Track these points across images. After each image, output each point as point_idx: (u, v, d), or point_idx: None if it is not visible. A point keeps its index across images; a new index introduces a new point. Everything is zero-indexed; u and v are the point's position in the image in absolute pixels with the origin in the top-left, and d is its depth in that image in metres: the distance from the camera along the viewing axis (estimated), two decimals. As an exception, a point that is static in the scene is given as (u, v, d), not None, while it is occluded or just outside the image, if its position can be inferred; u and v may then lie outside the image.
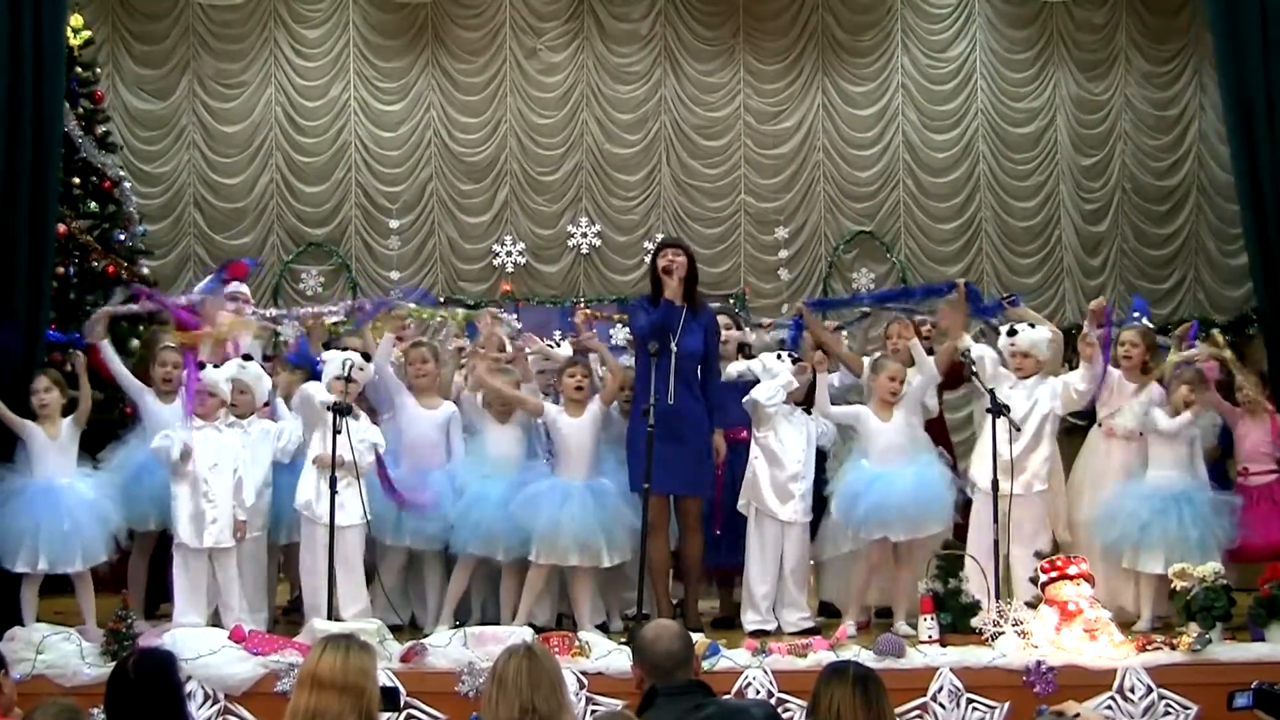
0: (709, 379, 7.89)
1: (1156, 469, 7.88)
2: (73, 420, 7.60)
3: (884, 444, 7.79)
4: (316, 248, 13.18)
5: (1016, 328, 7.99)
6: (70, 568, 7.39)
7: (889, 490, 7.63)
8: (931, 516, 7.69)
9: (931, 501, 7.68)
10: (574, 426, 7.81)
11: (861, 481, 7.73)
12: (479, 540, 7.69)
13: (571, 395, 7.86)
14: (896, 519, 7.62)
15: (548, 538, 7.57)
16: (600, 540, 7.61)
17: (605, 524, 7.62)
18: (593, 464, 7.80)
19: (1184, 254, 13.55)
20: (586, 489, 7.68)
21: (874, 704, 4.08)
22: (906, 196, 13.49)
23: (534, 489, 7.68)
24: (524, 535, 7.65)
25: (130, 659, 4.55)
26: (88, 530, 7.40)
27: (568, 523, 7.55)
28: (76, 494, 7.44)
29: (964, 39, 13.59)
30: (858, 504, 7.67)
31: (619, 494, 7.69)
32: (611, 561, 7.70)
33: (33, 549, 7.29)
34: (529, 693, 4.10)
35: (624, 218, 13.33)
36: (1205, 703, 6.55)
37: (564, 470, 7.80)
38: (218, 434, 7.56)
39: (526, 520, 7.59)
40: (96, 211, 10.09)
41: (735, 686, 6.61)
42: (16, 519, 7.30)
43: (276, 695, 6.41)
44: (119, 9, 13.04)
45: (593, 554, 7.62)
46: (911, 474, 7.69)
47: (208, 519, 7.41)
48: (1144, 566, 7.73)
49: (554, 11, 13.38)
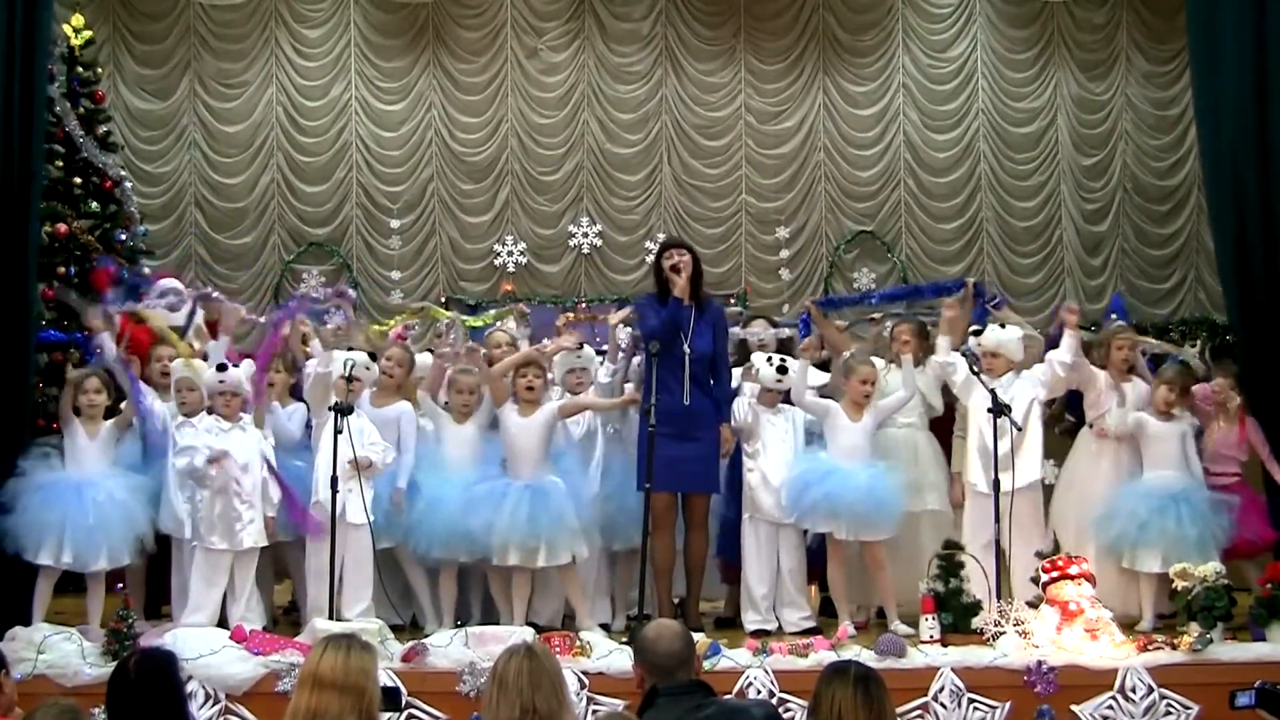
0: (719, 375, 7.90)
1: (1153, 468, 7.88)
2: (114, 424, 7.62)
3: (848, 443, 7.78)
4: (317, 248, 13.19)
5: (981, 327, 7.96)
6: (94, 565, 7.37)
7: (842, 485, 7.59)
8: (879, 521, 7.64)
9: (882, 505, 7.62)
10: (521, 426, 7.74)
11: (815, 472, 7.72)
12: (439, 544, 7.65)
13: (524, 395, 7.82)
14: (845, 515, 7.59)
15: (484, 538, 7.54)
16: (538, 540, 7.52)
17: (545, 524, 7.55)
18: (539, 464, 7.73)
19: (1185, 254, 13.56)
20: (525, 489, 7.58)
21: (875, 703, 4.07)
22: (907, 196, 13.49)
23: (474, 491, 7.65)
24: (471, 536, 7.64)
25: (131, 659, 4.54)
26: (114, 529, 7.38)
27: (499, 523, 7.50)
28: (107, 492, 7.44)
29: (965, 39, 13.60)
30: (807, 492, 7.65)
31: (566, 494, 7.63)
32: (549, 562, 7.55)
33: (57, 542, 7.27)
34: (529, 693, 4.09)
35: (625, 218, 13.34)
36: (1206, 703, 6.55)
37: (510, 470, 7.77)
38: (242, 434, 7.54)
39: (467, 522, 7.55)
40: (98, 211, 10.10)
41: (736, 686, 6.61)
42: (44, 511, 7.27)
43: (277, 695, 6.41)
44: (120, 9, 13.05)
45: (529, 554, 7.56)
46: (866, 475, 7.67)
47: (244, 520, 7.39)
48: (1142, 566, 7.72)
49: (555, 11, 13.39)
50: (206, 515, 7.38)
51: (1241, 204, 8.19)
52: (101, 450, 7.57)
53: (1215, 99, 8.31)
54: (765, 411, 7.96)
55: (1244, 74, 8.12)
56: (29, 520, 7.26)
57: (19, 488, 7.31)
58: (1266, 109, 8.06)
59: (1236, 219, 8.24)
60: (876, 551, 7.74)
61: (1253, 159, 8.12)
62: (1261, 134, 8.08)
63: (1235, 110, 8.16)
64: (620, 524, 7.86)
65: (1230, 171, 8.24)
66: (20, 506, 7.26)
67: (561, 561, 7.60)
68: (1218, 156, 8.37)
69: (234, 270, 13.05)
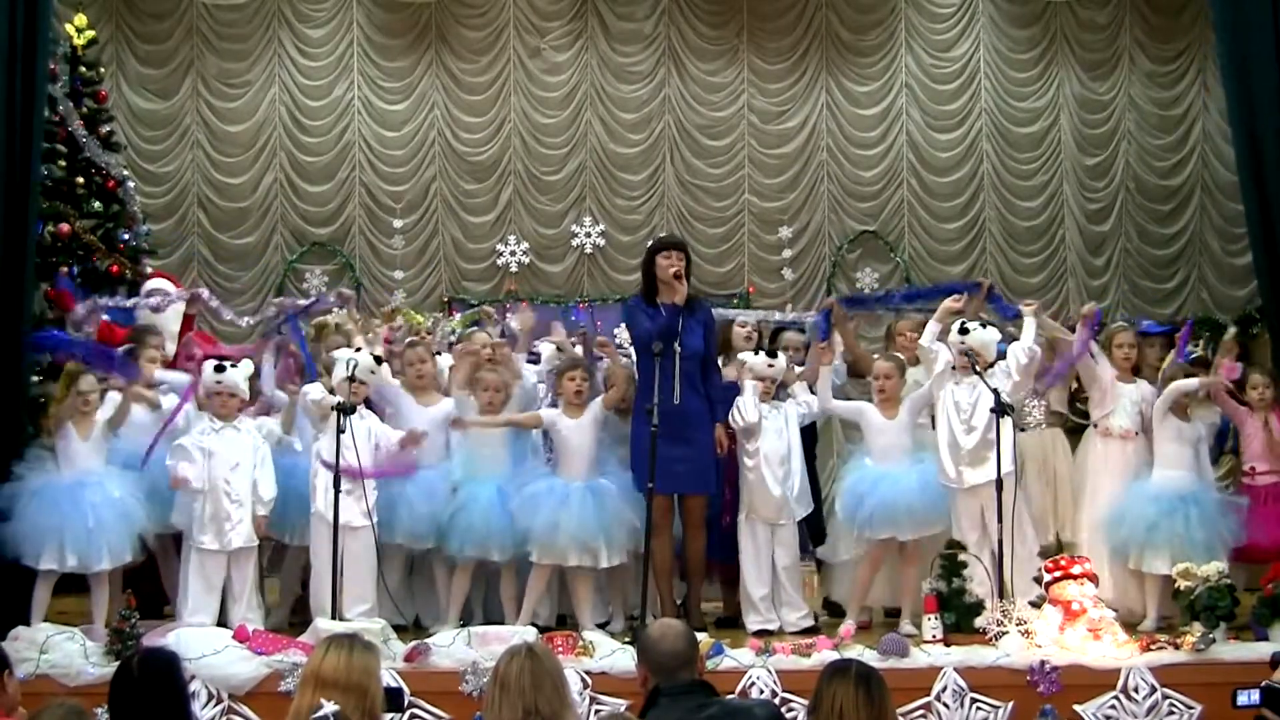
0: (710, 375, 7.90)
1: (1163, 469, 7.86)
2: (106, 423, 7.62)
3: (885, 442, 7.81)
4: (320, 247, 13.19)
5: (969, 325, 7.90)
6: (97, 566, 7.38)
7: (894, 489, 7.64)
8: (937, 514, 7.70)
9: (937, 500, 7.68)
10: (573, 428, 7.82)
11: (865, 481, 7.74)
12: (472, 543, 7.68)
13: (571, 399, 7.87)
14: (904, 518, 7.64)
15: (546, 538, 7.57)
16: (600, 540, 7.62)
17: (605, 524, 7.63)
18: (593, 465, 7.81)
19: (1188, 253, 13.54)
20: (586, 489, 7.68)
21: (876, 702, 4.08)
22: (910, 196, 13.49)
23: (533, 489, 7.69)
24: (518, 535, 7.67)
25: (135, 658, 4.54)
26: (112, 529, 7.38)
27: (566, 523, 7.56)
28: (103, 492, 7.43)
29: (968, 38, 13.59)
30: (863, 504, 7.68)
31: (620, 494, 7.69)
32: (611, 562, 7.70)
33: (58, 547, 7.26)
34: (532, 694, 4.08)
35: (628, 217, 13.34)
36: (1209, 702, 6.55)
37: (564, 471, 7.82)
38: (236, 434, 7.55)
39: (525, 521, 7.60)
40: (100, 211, 10.10)
41: (739, 686, 6.62)
42: (41, 515, 7.27)
43: (280, 695, 6.42)
44: (123, 9, 13.05)
45: (591, 554, 7.63)
46: (915, 473, 7.70)
47: (233, 520, 7.41)
48: (1149, 567, 7.71)
49: (557, 11, 13.38)
50: (199, 516, 7.40)
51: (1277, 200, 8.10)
52: (95, 450, 7.56)
53: (1248, 96, 8.20)
54: (761, 406, 7.96)
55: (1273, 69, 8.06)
56: (28, 526, 7.27)
57: (15, 493, 7.32)
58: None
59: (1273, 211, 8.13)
60: (913, 547, 7.75)
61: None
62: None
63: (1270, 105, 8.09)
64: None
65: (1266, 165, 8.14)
66: (18, 513, 7.26)
67: (617, 562, 7.68)
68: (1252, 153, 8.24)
69: (236, 270, 13.04)
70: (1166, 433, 7.86)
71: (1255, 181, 8.22)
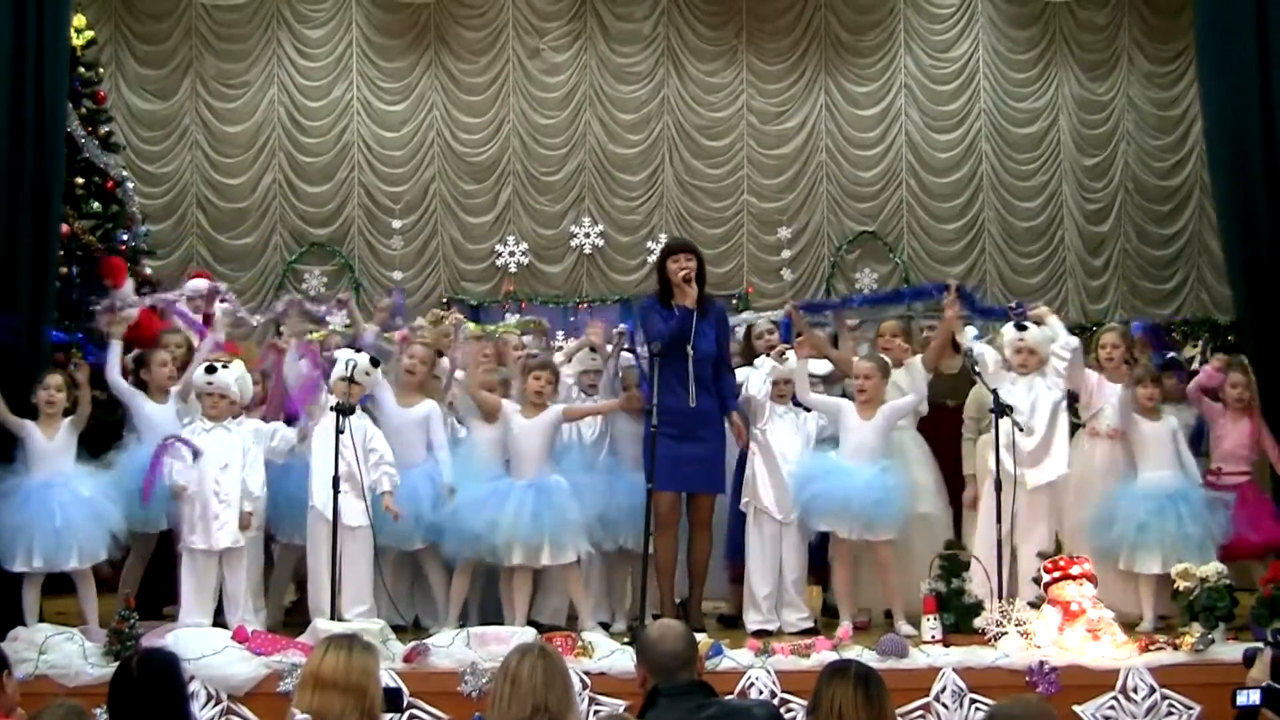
0: (722, 373, 7.92)
1: (1148, 469, 7.84)
2: (71, 422, 7.58)
3: (856, 441, 7.78)
4: (319, 248, 13.20)
5: (1027, 324, 7.94)
6: (66, 565, 7.35)
7: (842, 484, 7.59)
8: (881, 520, 7.61)
9: (882, 505, 7.58)
10: (525, 428, 7.78)
11: (820, 469, 7.73)
12: (468, 544, 7.68)
13: (533, 398, 7.84)
14: (841, 513, 7.58)
15: (486, 538, 7.56)
16: (542, 539, 7.55)
17: (548, 522, 7.58)
18: (541, 464, 7.77)
19: (1186, 254, 13.57)
20: (528, 488, 7.63)
21: (875, 703, 4.08)
22: (909, 197, 13.50)
23: (478, 491, 7.67)
24: (461, 534, 7.65)
25: (134, 659, 4.54)
26: (82, 527, 7.35)
27: (504, 522, 7.52)
28: (70, 491, 7.40)
29: (966, 39, 13.61)
30: (806, 488, 7.66)
31: (570, 492, 7.65)
32: (554, 560, 7.60)
33: (27, 547, 7.27)
34: (543, 692, 4.09)
35: (626, 218, 13.35)
36: (1208, 703, 6.53)
37: (514, 470, 7.80)
38: (226, 434, 7.56)
39: (469, 522, 7.58)
40: (99, 212, 10.08)
41: (738, 686, 6.61)
42: (11, 517, 7.26)
43: (279, 695, 6.41)
44: (122, 9, 13.07)
45: (532, 553, 7.58)
46: (870, 474, 7.65)
47: (221, 520, 7.41)
48: (1142, 567, 7.70)
49: (556, 12, 13.40)
50: (188, 516, 7.40)
51: (1249, 202, 8.10)
52: (62, 449, 7.54)
53: (1222, 95, 8.24)
54: (775, 406, 7.97)
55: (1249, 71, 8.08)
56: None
57: None
58: (1272, 104, 8.02)
59: (1244, 216, 8.16)
60: (882, 552, 7.72)
61: (1259, 156, 8.06)
62: (1268, 129, 8.03)
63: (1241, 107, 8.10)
64: (622, 523, 7.87)
65: (1236, 168, 8.16)
66: None
67: (566, 560, 7.62)
68: (1224, 155, 8.29)
69: (236, 270, 13.05)
70: (1140, 435, 7.86)
71: (1229, 184, 8.25)
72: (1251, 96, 8.07)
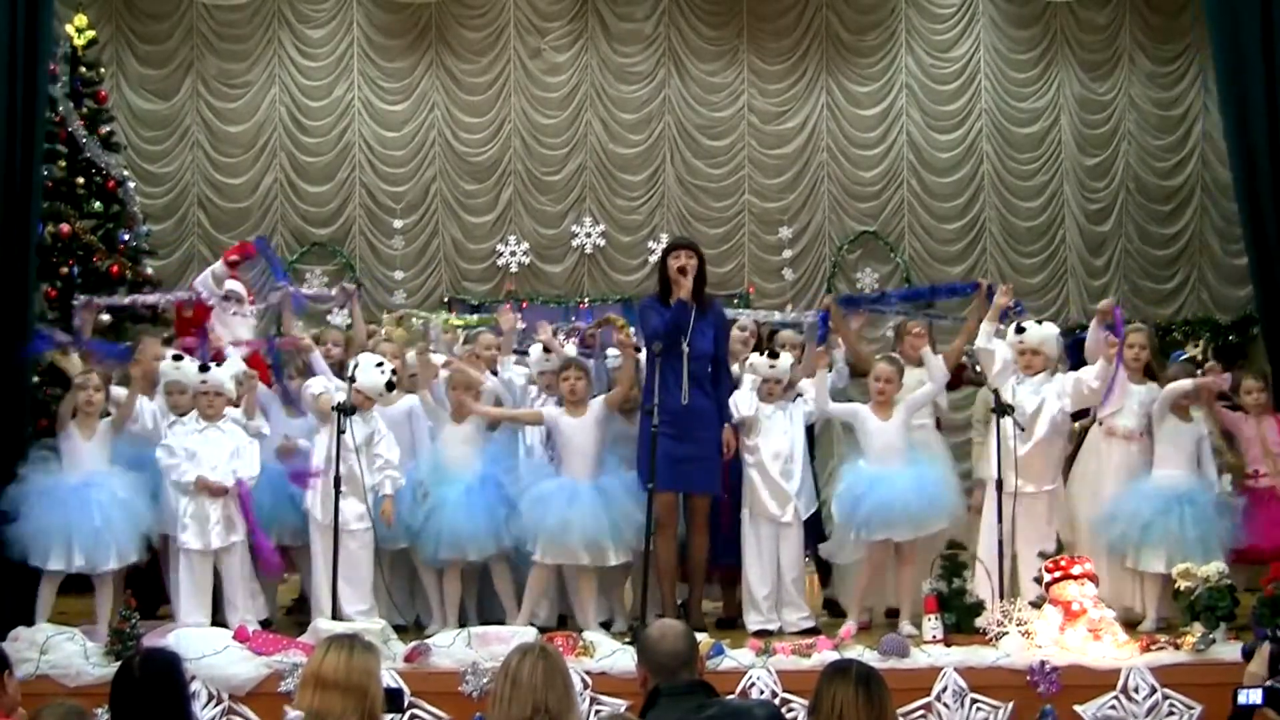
0: (720, 376, 7.91)
1: (1163, 468, 7.85)
2: (110, 423, 7.62)
3: (881, 444, 7.79)
4: (320, 248, 13.19)
5: (1025, 325, 7.96)
6: (104, 567, 7.38)
7: (891, 491, 7.63)
8: (935, 514, 7.70)
9: (935, 499, 7.68)
10: (575, 427, 7.82)
11: (862, 483, 7.73)
12: (446, 545, 7.67)
13: (569, 397, 7.86)
14: (901, 519, 7.63)
15: (556, 537, 7.56)
16: (608, 539, 7.62)
17: (613, 523, 7.62)
18: (597, 463, 7.80)
19: (1188, 254, 13.54)
20: (594, 488, 7.69)
21: (876, 703, 4.07)
22: (910, 196, 13.49)
23: (541, 489, 7.68)
24: (516, 534, 7.67)
25: (135, 659, 4.54)
26: (121, 528, 7.39)
27: (577, 522, 7.55)
28: (109, 492, 7.44)
29: (968, 39, 13.59)
30: (860, 505, 7.67)
31: (624, 493, 7.69)
32: (618, 560, 7.71)
33: (66, 547, 7.28)
34: (544, 692, 4.09)
35: (628, 218, 13.34)
36: (1209, 703, 6.54)
37: (568, 470, 7.81)
38: (220, 434, 7.56)
39: (535, 520, 7.60)
40: (100, 211, 10.11)
41: (739, 686, 6.62)
42: (48, 516, 7.28)
43: (280, 695, 6.42)
44: (123, 9, 13.06)
45: (600, 553, 7.62)
46: (911, 473, 7.69)
47: (214, 519, 7.41)
48: (1145, 566, 7.71)
49: (558, 11, 13.39)
50: (181, 516, 7.40)
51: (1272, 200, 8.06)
52: (99, 450, 7.56)
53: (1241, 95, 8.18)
54: (764, 405, 7.96)
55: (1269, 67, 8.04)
56: (35, 527, 7.27)
57: (21, 494, 7.32)
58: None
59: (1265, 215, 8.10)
60: (909, 548, 7.74)
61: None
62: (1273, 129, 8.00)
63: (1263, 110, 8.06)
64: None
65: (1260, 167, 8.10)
66: (24, 513, 7.26)
67: (625, 560, 7.68)
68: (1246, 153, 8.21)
69: (236, 270, 13.04)
70: (1166, 433, 7.86)
71: (1249, 185, 8.20)
72: (1274, 97, 8.04)
